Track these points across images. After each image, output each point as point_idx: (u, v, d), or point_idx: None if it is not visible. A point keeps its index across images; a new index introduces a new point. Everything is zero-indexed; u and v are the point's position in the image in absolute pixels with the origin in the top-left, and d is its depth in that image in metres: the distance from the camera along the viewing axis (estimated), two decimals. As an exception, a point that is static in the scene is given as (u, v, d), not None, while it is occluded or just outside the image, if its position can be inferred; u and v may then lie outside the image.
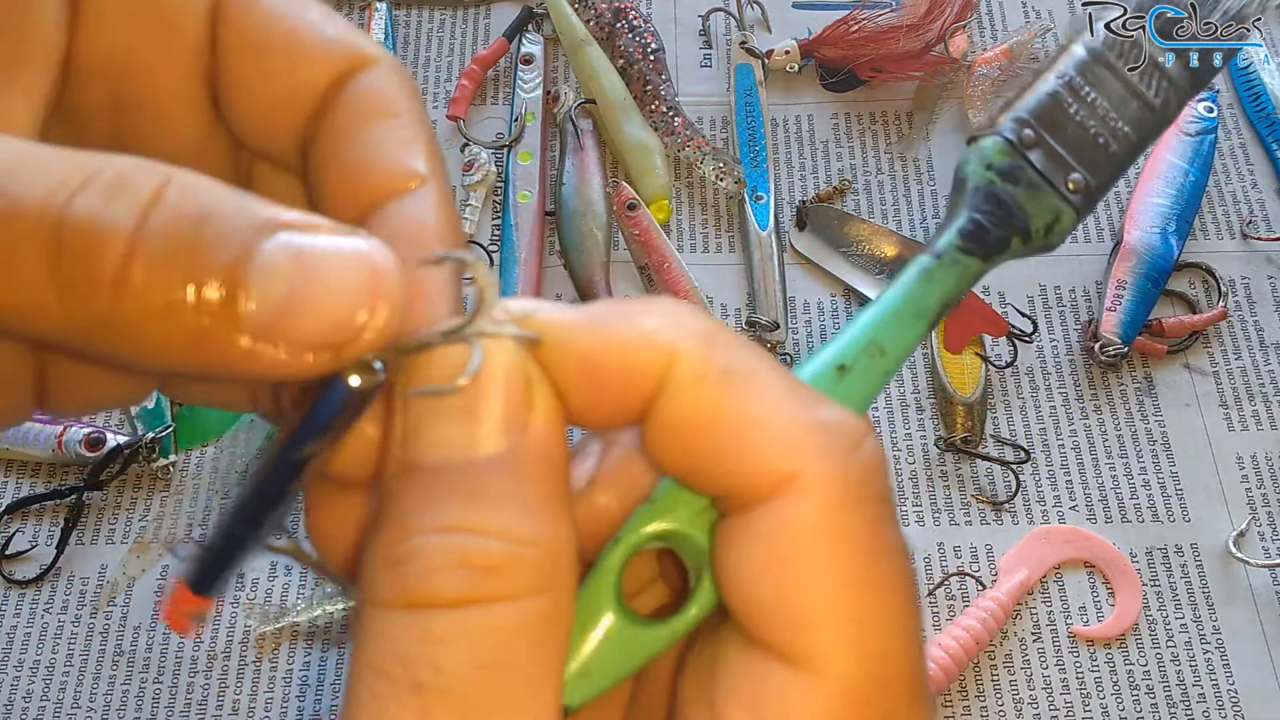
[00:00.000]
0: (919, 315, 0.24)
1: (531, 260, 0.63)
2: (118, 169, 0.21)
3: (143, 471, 0.58)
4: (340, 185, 0.26)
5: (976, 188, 0.25)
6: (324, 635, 0.54)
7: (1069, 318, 0.62)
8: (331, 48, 0.26)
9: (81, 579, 0.56)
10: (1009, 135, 0.25)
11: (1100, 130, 0.26)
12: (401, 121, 0.26)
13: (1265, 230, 0.65)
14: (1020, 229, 0.25)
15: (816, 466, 0.21)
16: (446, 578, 0.20)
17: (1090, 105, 0.26)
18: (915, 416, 0.59)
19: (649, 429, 0.22)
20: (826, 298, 0.63)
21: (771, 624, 0.21)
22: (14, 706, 0.53)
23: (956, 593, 0.55)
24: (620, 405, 0.22)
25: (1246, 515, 0.57)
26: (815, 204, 0.65)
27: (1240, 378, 0.61)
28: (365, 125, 0.26)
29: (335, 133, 0.26)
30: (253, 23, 0.26)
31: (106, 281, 0.20)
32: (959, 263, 0.24)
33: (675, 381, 0.22)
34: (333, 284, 0.21)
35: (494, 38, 0.69)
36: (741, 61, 0.68)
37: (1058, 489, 0.58)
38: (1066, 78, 0.26)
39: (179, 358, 0.21)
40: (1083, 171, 0.25)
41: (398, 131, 0.26)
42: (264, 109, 0.27)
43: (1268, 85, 0.68)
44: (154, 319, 0.20)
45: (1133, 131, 0.26)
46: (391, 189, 0.25)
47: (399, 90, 0.26)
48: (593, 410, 0.22)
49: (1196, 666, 0.54)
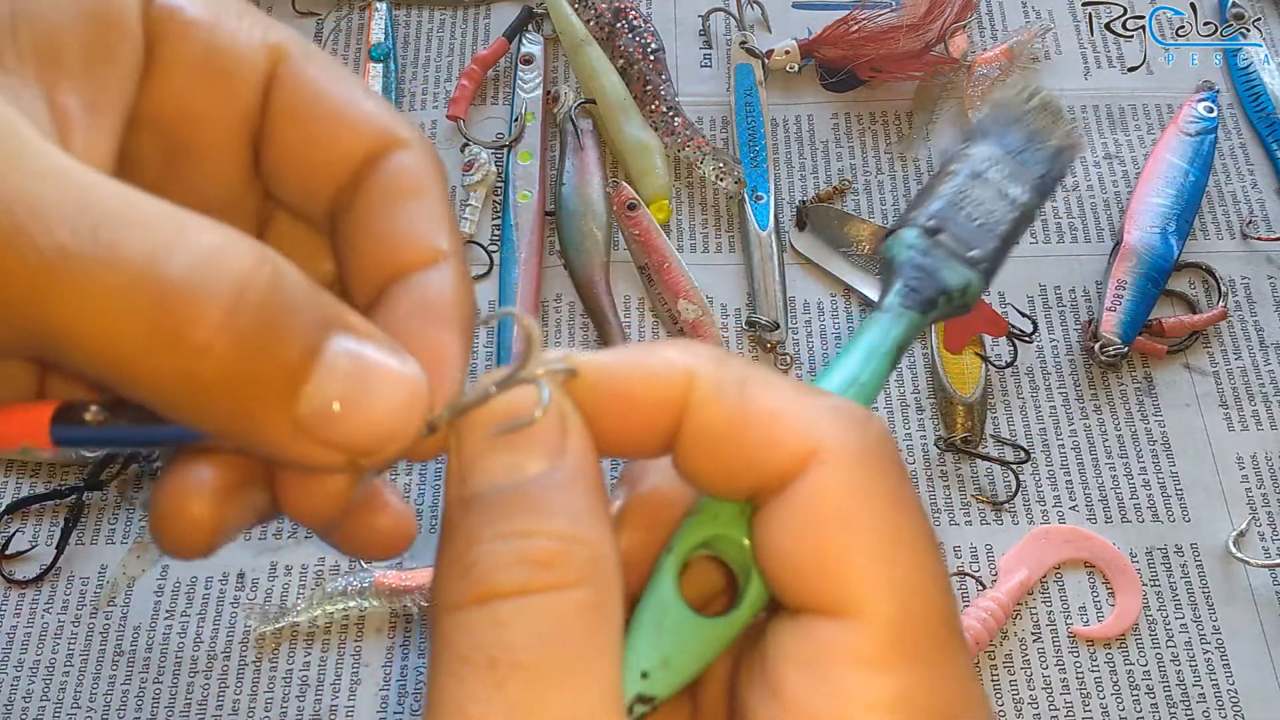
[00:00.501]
0: (885, 355, 0.30)
1: (531, 260, 0.63)
2: (217, 237, 0.22)
3: (143, 471, 0.58)
4: (371, 253, 0.28)
5: (904, 262, 0.32)
6: (324, 635, 0.54)
7: (1069, 318, 0.62)
8: (372, 124, 0.28)
9: (81, 579, 0.56)
10: (921, 225, 0.33)
11: (986, 219, 0.33)
12: (430, 202, 0.28)
13: (1265, 230, 0.65)
14: (944, 290, 0.32)
15: (834, 439, 0.24)
16: (508, 572, 0.23)
17: (976, 203, 0.34)
18: (915, 416, 0.59)
19: (680, 448, 0.25)
20: (826, 298, 0.63)
21: (814, 583, 0.24)
22: (14, 706, 0.53)
23: (956, 593, 0.55)
24: (652, 428, 0.25)
25: (1246, 515, 0.57)
26: (815, 204, 0.65)
27: (1240, 378, 0.61)
28: (397, 201, 0.28)
29: (369, 205, 0.28)
30: (304, 92, 0.28)
31: (193, 346, 0.22)
32: (904, 315, 0.31)
33: (697, 398, 0.25)
34: (380, 400, 0.24)
35: (494, 38, 0.69)
36: (741, 61, 0.68)
37: (1058, 489, 0.58)
38: (958, 184, 0.34)
39: (225, 425, 0.23)
40: (978, 248, 0.32)
41: (426, 210, 0.28)
42: (303, 171, 0.29)
43: (1268, 85, 0.68)
44: (221, 389, 0.22)
45: (1009, 220, 0.33)
46: (418, 262, 0.27)
47: (428, 171, 0.29)
48: (628, 436, 0.25)
49: (1196, 666, 0.54)
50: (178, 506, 0.26)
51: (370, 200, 0.28)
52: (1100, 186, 0.66)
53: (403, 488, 0.57)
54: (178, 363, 0.22)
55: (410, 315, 0.27)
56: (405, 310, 0.27)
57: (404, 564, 0.55)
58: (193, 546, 0.26)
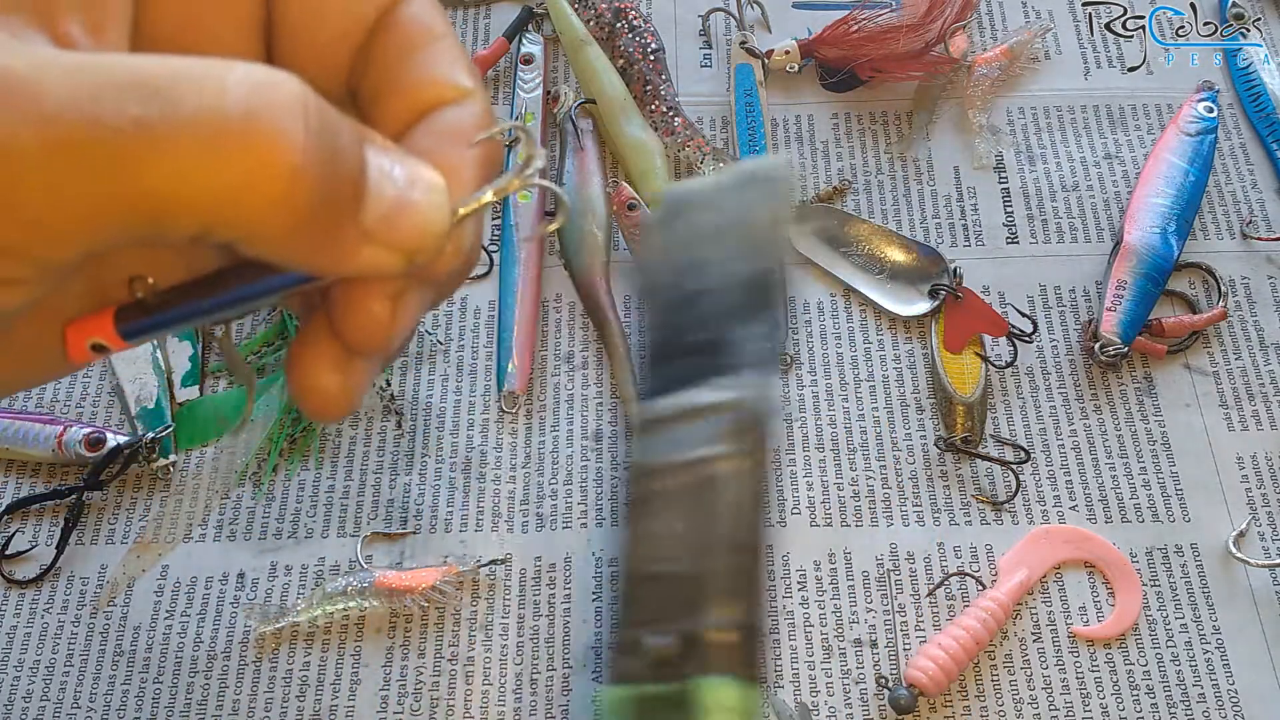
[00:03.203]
0: None
1: (531, 260, 0.63)
2: (258, 72, 0.24)
3: (143, 471, 0.58)
4: (395, 105, 0.30)
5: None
6: (324, 635, 0.54)
7: (1069, 318, 0.62)
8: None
9: (81, 579, 0.56)
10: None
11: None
12: (445, 44, 0.31)
13: (1265, 230, 0.65)
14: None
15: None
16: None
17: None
18: (915, 416, 0.59)
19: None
20: (826, 298, 0.63)
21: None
22: (14, 706, 0.53)
23: (956, 593, 0.55)
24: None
25: (1246, 515, 0.57)
26: (815, 204, 0.65)
27: (1240, 378, 0.61)
28: (414, 51, 0.30)
29: (388, 60, 0.30)
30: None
31: (288, 171, 0.23)
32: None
33: None
34: (420, 198, 0.27)
35: (494, 38, 0.69)
36: (741, 61, 0.68)
37: (1058, 489, 0.58)
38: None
39: (311, 247, 0.25)
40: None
41: (443, 53, 0.30)
42: (319, 48, 0.31)
43: (1268, 85, 0.68)
44: (311, 209, 0.24)
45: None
46: (441, 100, 0.30)
47: (437, 15, 0.31)
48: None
49: (1196, 666, 0.54)
50: (310, 384, 0.29)
51: (388, 56, 0.30)
52: (1100, 186, 0.66)
53: (403, 488, 0.57)
54: (275, 192, 0.23)
55: (433, 146, 0.29)
56: (429, 141, 0.29)
57: (404, 564, 0.55)
58: (336, 411, 0.29)
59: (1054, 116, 0.68)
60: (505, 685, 0.53)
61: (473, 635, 0.54)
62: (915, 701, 0.52)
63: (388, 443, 0.59)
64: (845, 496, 0.57)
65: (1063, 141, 0.67)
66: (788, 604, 0.55)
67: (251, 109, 0.23)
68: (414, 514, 0.57)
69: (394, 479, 0.58)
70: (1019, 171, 0.66)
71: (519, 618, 0.55)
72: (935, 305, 0.61)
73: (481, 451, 0.59)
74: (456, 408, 0.60)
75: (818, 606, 0.55)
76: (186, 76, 0.23)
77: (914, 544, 0.56)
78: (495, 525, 0.57)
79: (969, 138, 0.67)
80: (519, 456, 0.58)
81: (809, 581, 0.55)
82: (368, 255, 0.26)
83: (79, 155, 0.22)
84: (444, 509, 0.57)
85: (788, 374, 0.60)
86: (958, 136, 0.68)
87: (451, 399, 0.60)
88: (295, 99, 0.23)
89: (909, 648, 0.54)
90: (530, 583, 0.55)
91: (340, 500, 0.57)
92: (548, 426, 0.59)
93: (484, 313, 0.62)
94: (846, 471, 0.58)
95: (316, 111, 0.24)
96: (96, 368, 0.60)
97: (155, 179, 0.23)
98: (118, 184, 0.23)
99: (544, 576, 0.55)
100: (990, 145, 0.67)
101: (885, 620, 0.54)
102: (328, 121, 0.24)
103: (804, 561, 0.56)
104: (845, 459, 0.58)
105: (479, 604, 0.55)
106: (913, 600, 0.55)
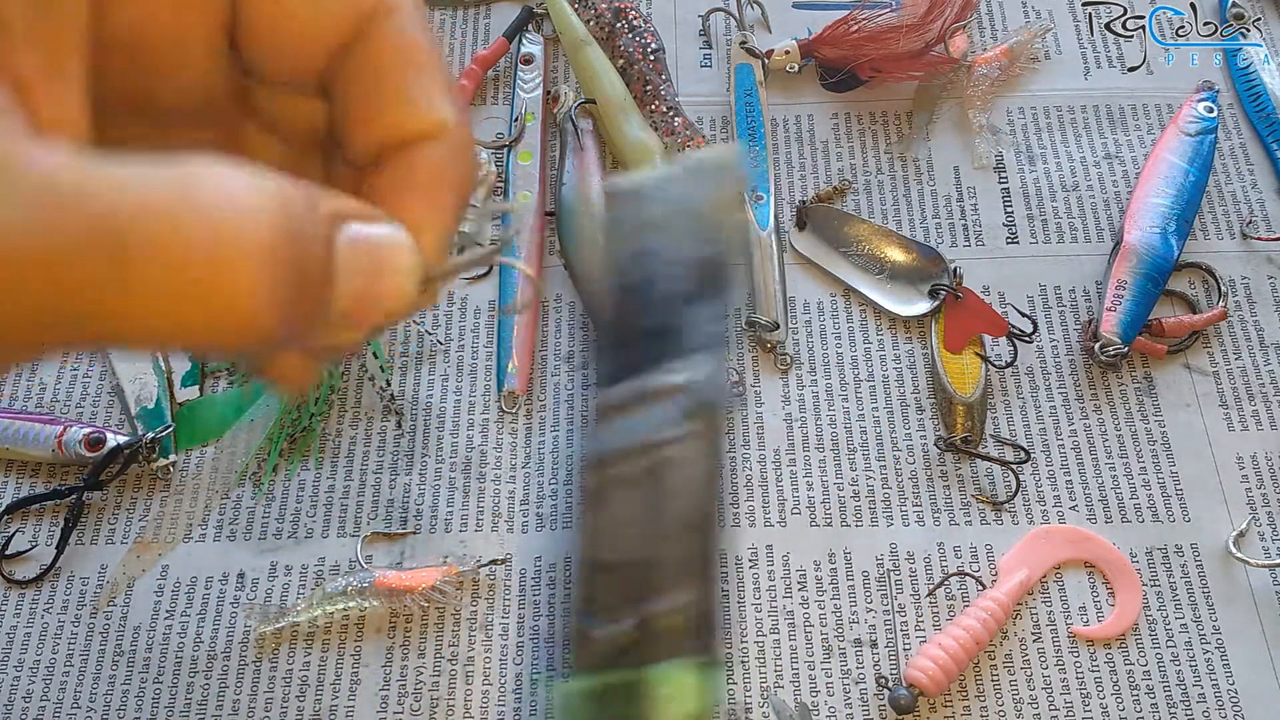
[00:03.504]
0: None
1: (531, 260, 0.63)
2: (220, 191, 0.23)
3: (143, 471, 0.58)
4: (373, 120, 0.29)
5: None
6: (324, 635, 0.54)
7: (1069, 318, 0.62)
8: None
9: (81, 579, 0.56)
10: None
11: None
12: (427, 69, 0.30)
13: (1265, 230, 0.65)
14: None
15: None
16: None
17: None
18: (915, 416, 0.59)
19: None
20: (826, 298, 0.63)
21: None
22: (14, 706, 0.53)
23: (956, 593, 0.55)
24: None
25: (1246, 515, 0.57)
26: (815, 204, 0.65)
27: (1240, 378, 0.61)
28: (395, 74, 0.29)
29: (365, 80, 0.30)
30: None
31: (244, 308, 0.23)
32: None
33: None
34: (390, 271, 0.26)
35: (494, 38, 0.69)
36: (741, 61, 0.68)
37: (1058, 489, 0.58)
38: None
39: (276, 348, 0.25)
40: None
41: (425, 81, 0.29)
42: (287, 50, 0.30)
43: (1268, 85, 0.68)
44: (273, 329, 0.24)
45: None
46: (420, 132, 0.29)
47: (422, 34, 0.30)
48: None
49: (1196, 666, 0.54)
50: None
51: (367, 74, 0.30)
52: (1100, 186, 0.66)
53: (403, 488, 0.57)
54: (237, 326, 0.23)
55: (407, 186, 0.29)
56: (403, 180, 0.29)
57: (404, 564, 0.55)
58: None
59: (1054, 116, 0.68)
60: (505, 685, 0.53)
61: (473, 635, 0.54)
62: (915, 701, 0.52)
63: (388, 443, 0.59)
64: (845, 496, 0.57)
65: (1063, 141, 0.67)
66: (788, 604, 0.55)
67: (215, 258, 0.22)
68: (414, 514, 0.57)
69: (394, 479, 0.58)
70: (1019, 171, 0.66)
71: (519, 618, 0.55)
72: (935, 305, 0.61)
73: (481, 451, 0.59)
74: (456, 408, 0.60)
75: (818, 606, 0.55)
76: (145, 214, 0.22)
77: (914, 544, 0.56)
78: (495, 525, 0.57)
79: (969, 138, 0.67)
80: (519, 456, 0.58)
81: (809, 581, 0.55)
82: (332, 339, 0.26)
83: (30, 279, 0.21)
84: (444, 509, 0.57)
85: (788, 374, 0.60)
86: (958, 136, 0.68)
87: (451, 399, 0.60)
88: (255, 226, 0.23)
89: (909, 648, 0.54)
90: (530, 583, 0.55)
91: (340, 500, 0.57)
92: (548, 426, 0.59)
93: (484, 313, 0.62)
94: (846, 471, 0.58)
95: (280, 231, 0.23)
96: (97, 367, 0.60)
97: (111, 319, 0.22)
98: (68, 312, 0.22)
99: (544, 576, 0.55)
100: (990, 145, 0.67)
101: (885, 620, 0.54)
102: (297, 234, 0.24)
103: (804, 561, 0.56)
104: (845, 459, 0.58)
105: (479, 604, 0.55)
106: (913, 600, 0.55)
